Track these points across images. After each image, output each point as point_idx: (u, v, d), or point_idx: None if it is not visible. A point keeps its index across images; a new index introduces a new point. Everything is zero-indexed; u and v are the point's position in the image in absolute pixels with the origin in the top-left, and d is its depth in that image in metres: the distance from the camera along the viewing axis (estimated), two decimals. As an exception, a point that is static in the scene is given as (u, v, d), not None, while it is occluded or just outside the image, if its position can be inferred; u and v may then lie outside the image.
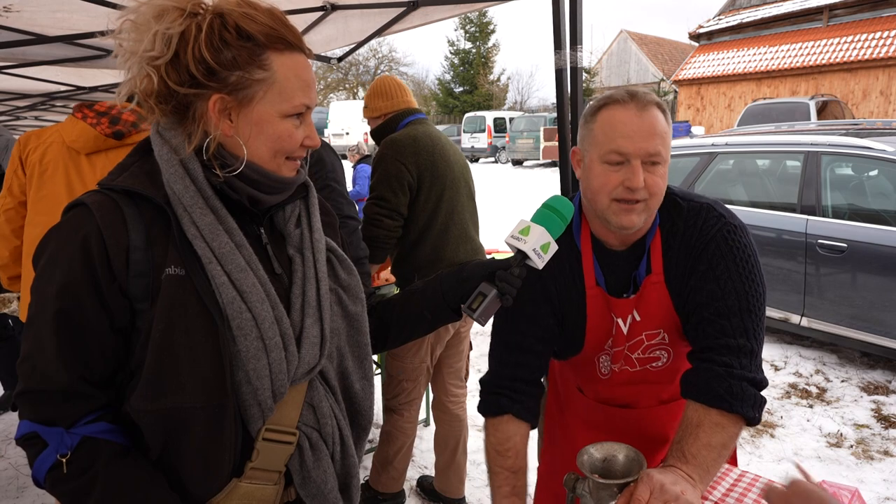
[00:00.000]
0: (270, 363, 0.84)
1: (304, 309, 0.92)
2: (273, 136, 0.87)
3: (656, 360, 1.30)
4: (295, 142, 0.89)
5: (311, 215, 1.01)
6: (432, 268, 2.27)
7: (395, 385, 2.41)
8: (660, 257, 1.22)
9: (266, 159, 0.88)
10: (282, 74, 0.85)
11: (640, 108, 1.13)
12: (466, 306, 1.02)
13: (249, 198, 0.90)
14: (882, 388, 3.70)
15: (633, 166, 1.11)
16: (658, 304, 1.23)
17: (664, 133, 1.14)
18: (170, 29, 0.81)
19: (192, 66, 0.81)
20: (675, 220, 1.23)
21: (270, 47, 0.85)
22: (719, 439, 1.08)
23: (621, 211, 1.14)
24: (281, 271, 0.94)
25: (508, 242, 1.04)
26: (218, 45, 0.82)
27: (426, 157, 2.22)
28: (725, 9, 19.01)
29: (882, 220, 3.71)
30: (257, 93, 0.85)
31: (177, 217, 0.83)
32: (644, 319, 1.24)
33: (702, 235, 1.20)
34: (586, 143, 1.20)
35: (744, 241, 1.20)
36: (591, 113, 1.20)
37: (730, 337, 1.13)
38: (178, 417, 0.81)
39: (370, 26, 2.97)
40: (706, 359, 1.14)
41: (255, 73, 0.84)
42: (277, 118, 0.86)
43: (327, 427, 0.93)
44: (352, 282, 1.02)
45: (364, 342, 1.02)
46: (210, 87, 0.83)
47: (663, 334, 1.26)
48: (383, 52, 37.69)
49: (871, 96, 14.98)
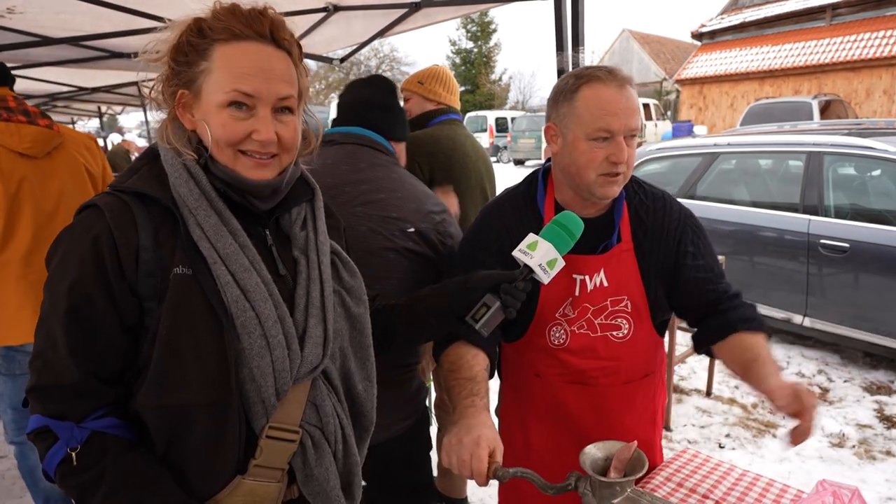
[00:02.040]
0: (273, 361, 0.86)
1: (307, 309, 0.93)
2: (214, 126, 0.85)
3: (617, 329, 1.34)
4: (234, 133, 0.85)
5: (317, 218, 1.02)
6: None
7: None
8: (628, 228, 1.34)
9: (216, 152, 0.87)
10: (219, 63, 0.84)
11: (620, 85, 1.21)
12: (470, 317, 1.04)
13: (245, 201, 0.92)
14: (885, 388, 3.69)
15: (618, 142, 1.21)
16: (626, 272, 1.32)
17: (638, 107, 1.24)
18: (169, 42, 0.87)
19: (168, 71, 0.87)
20: (641, 196, 1.38)
21: (216, 39, 0.85)
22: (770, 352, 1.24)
23: (606, 183, 1.24)
24: (285, 272, 0.95)
25: (516, 256, 1.06)
26: (183, 48, 0.86)
27: (442, 159, 2.21)
28: (728, 8, 18.97)
29: (885, 220, 3.70)
30: (202, 84, 0.86)
31: (183, 219, 0.85)
32: (611, 285, 1.32)
33: (673, 219, 1.36)
34: (568, 120, 1.26)
35: (699, 223, 1.40)
36: (572, 90, 1.25)
37: (729, 288, 1.35)
38: (184, 414, 0.82)
39: (373, 27, 2.98)
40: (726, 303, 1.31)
41: (199, 65, 0.86)
42: (215, 108, 0.85)
43: (330, 426, 0.94)
44: (355, 284, 1.03)
45: (367, 344, 1.03)
46: (176, 86, 0.88)
47: (627, 302, 1.33)
48: (385, 51, 37.71)
49: (875, 96, 14.93)
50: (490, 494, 2.70)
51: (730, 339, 1.27)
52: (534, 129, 19.49)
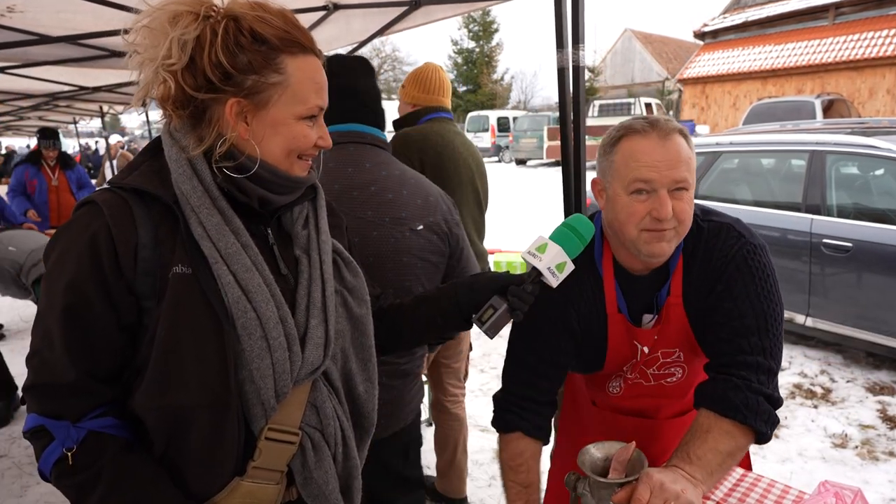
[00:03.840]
0: (274, 363, 0.85)
1: (309, 309, 0.92)
2: (288, 137, 0.88)
3: (671, 377, 1.32)
4: (309, 142, 0.91)
5: (319, 217, 1.02)
6: None
7: None
8: (679, 280, 1.22)
9: (279, 159, 0.90)
10: (296, 78, 0.87)
11: (661, 136, 1.12)
12: (476, 318, 1.03)
13: (260, 199, 0.91)
14: (888, 388, 3.68)
15: (660, 196, 1.10)
16: (675, 325, 1.24)
17: (689, 159, 1.13)
18: (185, 34, 0.81)
19: (208, 70, 0.82)
20: (695, 242, 1.23)
21: (285, 51, 0.86)
22: (726, 446, 1.07)
23: (652, 239, 1.13)
24: (287, 272, 0.94)
25: (524, 258, 1.05)
26: (234, 50, 0.83)
27: (432, 155, 2.19)
28: (730, 7, 18.93)
29: (888, 220, 3.68)
30: (272, 96, 0.86)
31: (184, 216, 0.84)
32: (661, 339, 1.25)
33: (721, 256, 1.19)
34: (608, 175, 1.19)
35: (763, 261, 1.19)
36: (611, 143, 1.18)
37: (748, 355, 1.12)
38: (182, 415, 0.82)
39: (372, 26, 2.97)
40: (724, 371, 1.14)
41: (270, 77, 0.85)
42: (292, 120, 0.88)
43: (330, 428, 0.94)
44: (357, 284, 1.02)
45: (368, 345, 1.02)
46: (226, 91, 0.84)
47: (679, 353, 1.28)
48: (386, 51, 37.73)
49: (878, 95, 14.88)
50: (490, 495, 2.70)
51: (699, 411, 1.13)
52: (535, 128, 19.49)
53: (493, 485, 2.76)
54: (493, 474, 2.85)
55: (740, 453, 1.10)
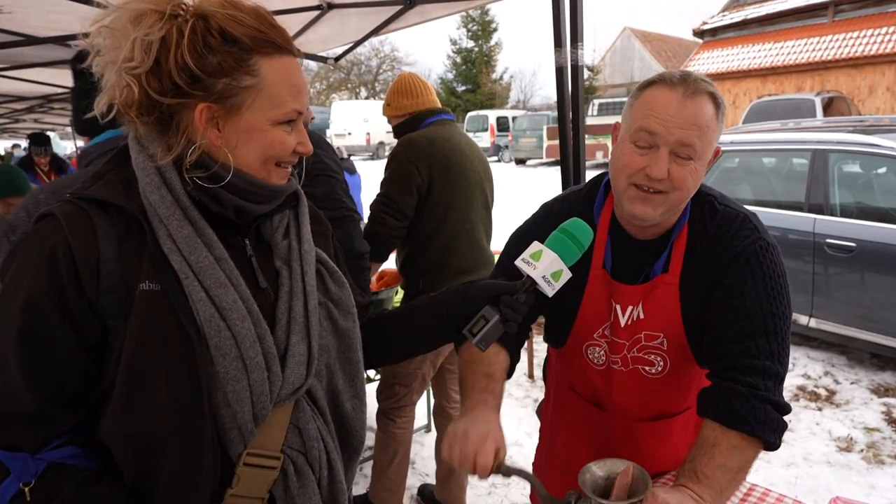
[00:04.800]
0: (251, 384, 0.80)
1: (289, 325, 0.87)
2: (264, 144, 0.83)
3: (650, 365, 1.23)
4: (287, 149, 0.85)
5: (301, 225, 0.96)
6: (439, 273, 2.22)
7: (387, 388, 2.36)
8: (681, 258, 1.15)
9: (255, 167, 0.84)
10: (271, 80, 0.81)
11: (687, 93, 1.04)
12: (467, 330, 0.98)
13: (236, 208, 0.85)
14: (892, 390, 3.63)
15: (660, 154, 1.03)
16: (665, 307, 1.16)
17: (706, 126, 1.04)
18: (149, 35, 0.76)
19: (174, 74, 0.76)
20: (706, 222, 1.15)
21: (258, 51, 0.80)
22: (736, 462, 1.01)
23: (636, 198, 1.07)
24: (266, 285, 0.89)
25: (518, 265, 0.99)
26: (202, 51, 0.77)
27: (441, 160, 2.16)
28: (730, 5, 18.87)
29: (891, 219, 3.64)
30: (246, 100, 0.80)
31: (152, 229, 0.79)
32: (648, 318, 1.18)
33: (731, 246, 1.12)
34: (625, 119, 1.14)
35: (775, 260, 1.12)
36: (640, 88, 1.13)
37: (755, 358, 1.05)
38: (151, 441, 0.76)
39: (367, 25, 2.93)
40: (729, 377, 1.07)
41: (242, 80, 0.79)
42: (268, 126, 0.82)
43: (314, 451, 0.88)
44: (343, 295, 0.97)
45: (355, 359, 0.97)
46: (195, 96, 0.78)
47: (663, 338, 1.20)
48: (385, 51, 37.70)
49: (878, 92, 14.83)
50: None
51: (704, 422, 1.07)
52: (535, 128, 19.43)
53: (494, 493, 2.71)
54: (493, 482, 2.80)
55: (749, 466, 1.05)
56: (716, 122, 1.07)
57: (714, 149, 1.11)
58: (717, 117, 1.07)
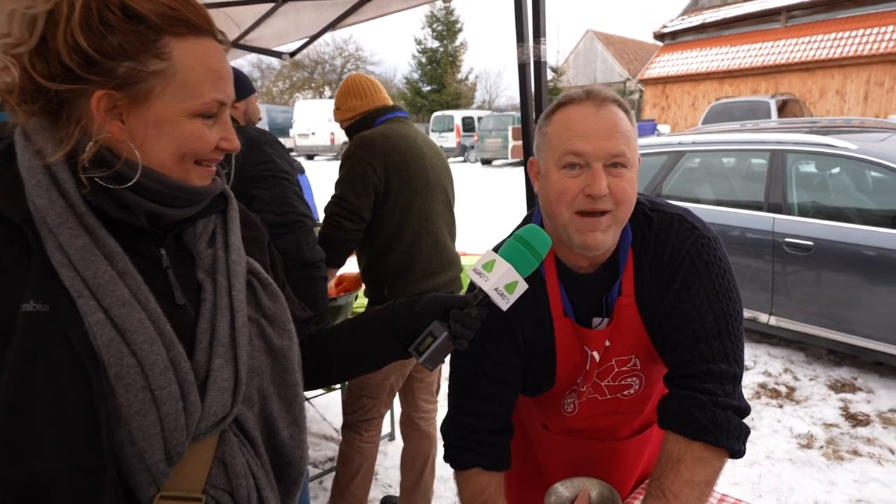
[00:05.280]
0: (162, 418, 0.68)
1: (212, 346, 0.76)
2: (178, 138, 0.72)
3: (628, 388, 1.18)
4: (206, 144, 0.75)
5: (230, 231, 0.85)
6: (402, 278, 2.11)
7: (354, 400, 2.25)
8: (631, 277, 1.10)
9: (169, 166, 0.73)
10: (185, 65, 0.71)
11: (597, 104, 1.01)
12: (413, 348, 0.88)
13: (148, 213, 0.74)
14: (848, 385, 3.70)
15: (594, 170, 0.98)
16: (629, 328, 1.11)
17: (627, 132, 1.01)
18: (32, 7, 0.65)
19: (64, 55, 0.65)
20: (645, 234, 1.11)
21: (169, 31, 0.70)
22: (703, 475, 0.98)
23: (585, 227, 1.00)
24: (184, 301, 0.78)
25: (471, 277, 0.90)
26: (98, 29, 0.66)
27: (397, 158, 2.05)
28: (688, 9, 19.35)
29: (845, 218, 3.72)
30: (154, 87, 0.70)
31: (39, 239, 0.67)
32: (614, 345, 1.12)
33: (675, 251, 1.08)
34: (542, 151, 1.07)
35: (718, 255, 1.09)
36: (546, 117, 1.07)
37: (711, 362, 1.02)
38: (38, 487, 0.64)
39: (323, 19, 2.81)
40: (687, 385, 1.03)
41: (150, 64, 0.69)
42: (182, 117, 0.72)
43: (241, 489, 0.77)
44: (277, 310, 0.86)
45: (293, 381, 0.86)
46: (91, 82, 0.67)
47: (635, 360, 1.14)
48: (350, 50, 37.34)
49: (828, 95, 15.42)
50: (455, 513, 2.57)
51: (666, 435, 1.04)
52: (500, 128, 19.50)
53: (458, 502, 2.63)
54: (457, 490, 2.72)
55: (717, 477, 1.02)
56: (633, 128, 1.04)
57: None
58: (631, 122, 1.04)
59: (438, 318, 0.90)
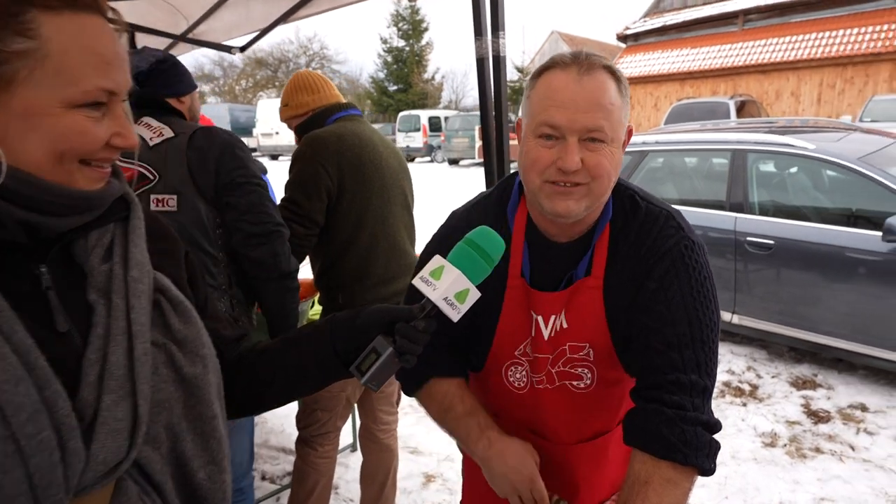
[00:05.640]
0: (31, 474, 0.56)
1: (101, 380, 0.64)
2: (53, 133, 0.60)
3: (578, 379, 1.10)
4: (93, 141, 0.63)
5: (130, 244, 0.72)
6: (359, 284, 1.99)
7: (308, 413, 2.12)
8: (603, 260, 1.05)
9: (45, 166, 0.61)
10: (59, 46, 0.59)
11: (582, 71, 0.94)
12: (354, 367, 0.78)
13: (23, 223, 0.62)
14: (809, 382, 3.75)
15: (568, 144, 0.93)
16: (589, 314, 1.05)
17: (611, 105, 0.94)
18: None
19: None
20: (628, 218, 1.06)
21: (37, 4, 0.58)
22: (671, 498, 0.90)
23: (555, 194, 0.96)
24: (69, 327, 0.65)
25: (416, 285, 0.80)
26: None
27: (351, 158, 1.93)
28: (650, 11, 19.70)
29: (804, 217, 3.76)
30: (19, 71, 0.58)
31: None
32: (571, 328, 1.06)
33: (655, 246, 1.02)
34: (524, 115, 1.02)
35: (701, 261, 1.03)
36: (533, 77, 1.02)
37: (681, 372, 0.95)
38: None
39: (275, 11, 2.66)
40: (654, 398, 0.96)
41: (10, 42, 0.57)
42: (58, 108, 0.60)
43: None
44: (190, 333, 0.74)
45: (209, 414, 0.74)
46: None
47: (588, 349, 1.07)
48: (314, 48, 36.83)
49: (784, 97, 15.89)
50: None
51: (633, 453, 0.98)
52: (467, 128, 19.49)
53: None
54: (420, 502, 2.62)
55: (686, 500, 0.94)
56: (620, 99, 0.96)
57: (626, 128, 1.00)
58: (621, 92, 0.97)
59: (382, 332, 0.79)
